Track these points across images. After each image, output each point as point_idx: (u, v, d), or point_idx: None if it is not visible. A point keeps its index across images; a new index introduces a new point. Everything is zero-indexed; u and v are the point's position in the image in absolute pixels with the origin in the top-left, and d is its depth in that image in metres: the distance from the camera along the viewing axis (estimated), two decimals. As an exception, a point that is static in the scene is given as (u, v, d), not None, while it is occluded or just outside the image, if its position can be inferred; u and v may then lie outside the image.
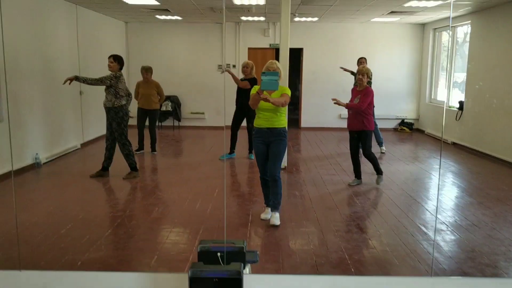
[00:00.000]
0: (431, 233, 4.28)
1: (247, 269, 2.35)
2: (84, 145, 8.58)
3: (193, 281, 2.04)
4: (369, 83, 7.59)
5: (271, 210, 4.49)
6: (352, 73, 8.13)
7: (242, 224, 4.43)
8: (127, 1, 7.91)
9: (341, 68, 8.28)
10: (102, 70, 7.36)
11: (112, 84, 5.88)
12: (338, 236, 4.17)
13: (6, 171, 5.78)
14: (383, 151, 7.91)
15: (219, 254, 2.27)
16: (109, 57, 6.01)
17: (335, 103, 5.71)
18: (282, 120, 4.42)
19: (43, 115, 7.13)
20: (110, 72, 5.93)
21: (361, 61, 7.99)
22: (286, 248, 3.88)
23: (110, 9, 8.97)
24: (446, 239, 4.13)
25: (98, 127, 9.13)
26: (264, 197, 4.64)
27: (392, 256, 3.75)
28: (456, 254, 3.80)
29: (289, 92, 4.41)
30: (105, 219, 4.54)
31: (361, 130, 5.76)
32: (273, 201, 4.48)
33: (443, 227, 4.45)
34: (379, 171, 5.94)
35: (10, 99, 6.20)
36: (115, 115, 5.90)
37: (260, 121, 4.40)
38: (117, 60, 6.00)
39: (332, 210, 4.94)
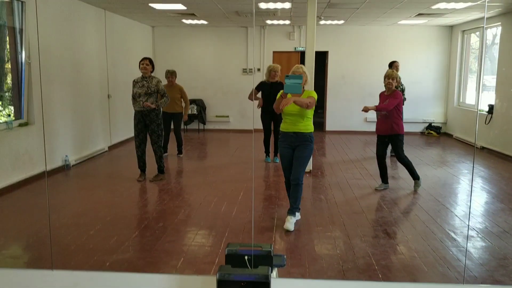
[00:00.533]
0: (460, 240, 4.18)
1: (274, 273, 2.34)
2: (111, 147, 8.74)
3: (220, 284, 2.03)
4: (401, 90, 7.46)
5: (288, 214, 4.43)
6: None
7: (268, 227, 4.43)
8: (154, 6, 8.03)
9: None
10: (130, 73, 7.48)
11: (151, 86, 6.03)
12: (365, 241, 4.11)
13: (36, 173, 5.95)
14: None
15: (246, 257, 2.27)
16: (145, 59, 6.10)
17: (364, 111, 5.61)
18: (308, 125, 4.39)
19: (73, 118, 7.30)
20: (143, 75, 6.00)
21: (394, 65, 7.84)
22: (312, 252, 3.85)
23: (137, 14, 9.12)
24: (476, 246, 4.03)
25: (125, 130, 9.31)
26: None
27: (421, 262, 3.68)
28: (487, 262, 3.70)
29: (315, 95, 4.37)
30: (132, 220, 4.61)
31: (391, 134, 5.67)
32: (291, 205, 4.45)
33: (474, 233, 4.35)
34: (415, 176, 5.80)
35: (39, 102, 6.37)
36: (156, 117, 6.08)
37: (286, 125, 4.39)
38: (151, 63, 6.12)
39: (359, 215, 4.88)
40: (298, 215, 4.52)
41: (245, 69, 11.30)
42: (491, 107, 8.87)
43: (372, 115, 5.95)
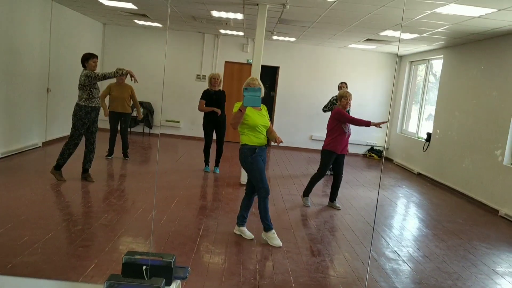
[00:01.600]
0: (383, 262, 4.23)
1: (173, 286, 2.24)
2: (46, 143, 8.34)
3: (108, 293, 1.91)
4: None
5: (269, 230, 4.44)
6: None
7: (192, 238, 4.31)
8: (104, 2, 7.80)
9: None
10: (74, 69, 7.18)
11: (95, 83, 5.81)
12: (288, 257, 4.08)
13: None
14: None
15: (144, 267, 2.16)
16: (95, 57, 5.88)
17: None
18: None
19: (4, 109, 6.89)
20: (90, 72, 5.77)
21: (342, 85, 8.04)
22: (232, 266, 3.76)
23: (87, 8, 8.83)
24: (395, 269, 4.08)
25: (64, 126, 8.92)
26: (268, 220, 4.45)
27: (339, 282, 3.67)
28: (403, 285, 3.75)
29: (266, 111, 4.50)
30: (49, 221, 4.34)
31: (345, 154, 5.96)
32: (269, 221, 4.48)
33: (395, 256, 4.42)
34: (335, 196, 6.11)
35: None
36: (96, 116, 5.92)
37: (260, 140, 4.31)
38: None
39: (287, 230, 4.86)
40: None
41: (199, 75, 11.19)
42: (429, 135, 9.22)
43: (318, 133, 6.01)
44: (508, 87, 6.73)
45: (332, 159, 5.88)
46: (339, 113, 5.73)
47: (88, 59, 5.81)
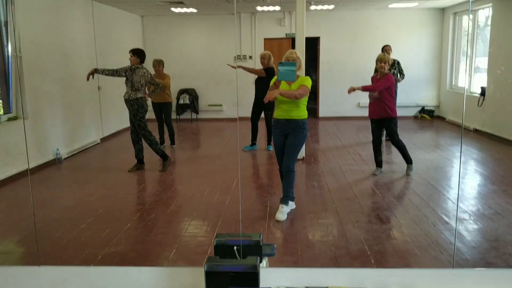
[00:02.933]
0: (453, 223, 4.19)
1: (264, 263, 2.33)
2: (104, 139, 8.67)
3: (209, 275, 2.02)
4: (400, 73, 7.55)
5: (280, 202, 4.37)
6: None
7: (261, 216, 4.41)
8: (141, -5, 7.92)
9: None
10: (120, 64, 7.36)
11: (127, 76, 5.98)
12: (358, 227, 4.11)
13: (27, 168, 5.89)
14: None
15: (235, 247, 2.26)
16: (130, 51, 6.11)
17: (351, 91, 5.64)
18: (301, 111, 4.33)
19: (63, 111, 7.23)
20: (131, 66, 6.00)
21: (386, 48, 7.82)
22: (305, 240, 3.85)
23: (125, 3, 8.99)
24: (468, 229, 4.04)
25: (117, 121, 9.23)
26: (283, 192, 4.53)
27: (413, 246, 3.68)
28: (480, 244, 3.71)
29: (309, 83, 4.28)
30: (124, 213, 4.58)
31: (384, 118, 5.67)
32: (283, 194, 4.41)
33: (466, 216, 4.36)
34: (408, 160, 5.80)
35: (30, 96, 6.30)
36: (131, 108, 6.07)
37: (279, 112, 4.33)
38: (136, 54, 6.11)
39: (351, 201, 4.88)
40: (292, 204, 4.48)
41: (237, 55, 11.21)
42: (483, 90, 8.86)
43: (365, 100, 5.93)
44: None
45: (372, 125, 5.80)
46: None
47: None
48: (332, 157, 7.02)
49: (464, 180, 5.74)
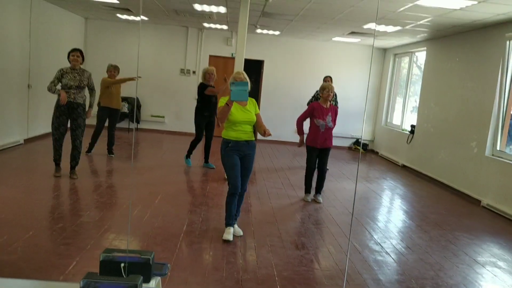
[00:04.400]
0: (366, 254, 4.26)
1: (153, 283, 2.22)
2: (28, 140, 8.21)
3: (84, 292, 1.89)
4: (336, 102, 7.86)
5: (234, 224, 4.42)
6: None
7: (175, 234, 4.28)
8: (84, -4, 7.68)
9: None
10: (56, 64, 7.02)
11: (74, 78, 5.75)
12: (271, 251, 4.08)
13: None
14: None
15: (122, 264, 2.14)
16: (75, 51, 5.87)
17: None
18: (253, 133, 4.41)
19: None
20: (71, 67, 5.79)
21: (327, 79, 8.05)
22: (215, 261, 3.76)
23: (68, 3, 8.69)
24: (378, 261, 4.11)
25: (46, 123, 8.78)
26: (229, 216, 4.32)
27: (322, 275, 3.68)
28: (386, 277, 3.78)
29: (257, 105, 4.45)
30: (30, 219, 4.28)
31: (326, 148, 5.93)
32: (237, 215, 4.46)
33: (379, 248, 4.45)
34: (320, 189, 6.11)
35: None
36: (83, 112, 5.87)
37: (238, 134, 4.23)
38: (82, 55, 5.92)
39: (271, 225, 4.86)
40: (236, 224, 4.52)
41: (183, 69, 11.11)
42: (412, 128, 9.29)
43: (304, 127, 6.05)
44: (489, 77, 6.80)
45: (312, 153, 5.91)
46: (308, 107, 6.02)
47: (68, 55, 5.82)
48: (262, 179, 7.02)
49: (386, 215, 5.91)
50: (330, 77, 8.16)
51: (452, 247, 4.67)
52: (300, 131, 6.06)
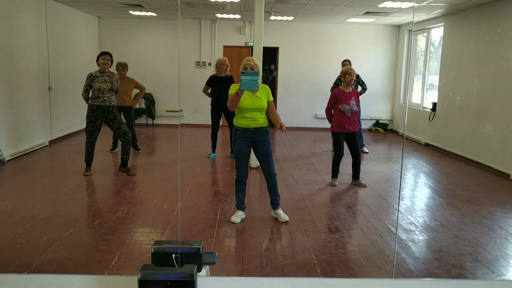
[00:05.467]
0: (400, 233, 4.25)
1: (203, 271, 2.25)
2: (52, 142, 8.33)
3: (142, 284, 1.93)
4: (362, 86, 7.87)
5: (276, 209, 4.49)
6: None
7: (210, 224, 4.33)
8: (98, -5, 7.72)
9: None
10: (74, 65, 7.14)
11: (107, 81, 5.94)
12: (306, 236, 4.10)
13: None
14: (366, 151, 8.08)
15: (173, 255, 2.17)
16: (105, 54, 5.96)
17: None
18: (266, 119, 4.37)
19: (9, 111, 6.88)
20: (101, 70, 5.92)
21: (345, 63, 7.98)
22: (253, 248, 3.79)
23: (81, 3, 8.74)
24: (414, 240, 4.11)
25: (68, 123, 8.92)
26: (238, 201, 4.47)
27: (360, 256, 3.70)
28: (423, 255, 3.78)
29: (270, 92, 4.38)
30: (67, 218, 4.37)
31: (355, 132, 5.90)
32: (274, 199, 4.49)
33: (412, 227, 4.44)
34: (359, 173, 6.03)
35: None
36: (117, 112, 6.04)
37: (245, 121, 4.24)
38: (112, 58, 6.04)
39: (302, 210, 4.88)
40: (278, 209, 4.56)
41: (198, 62, 11.12)
42: (434, 105, 9.18)
43: (322, 111, 6.01)
44: (510, 51, 6.66)
45: (339, 139, 5.88)
46: (331, 95, 5.97)
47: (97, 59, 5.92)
48: (286, 167, 7.02)
49: (414, 193, 5.88)
50: (349, 61, 8.09)
51: (487, 222, 4.63)
52: (331, 120, 6.02)
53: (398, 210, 4.98)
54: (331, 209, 5.00)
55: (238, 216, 4.41)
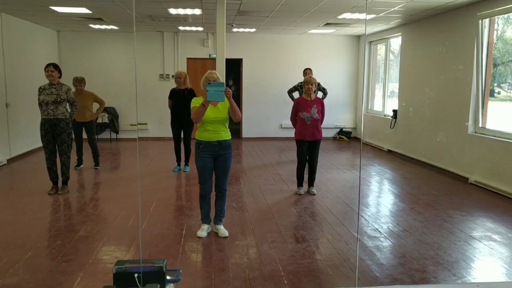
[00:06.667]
0: (365, 240, 4.32)
1: (168, 289, 2.22)
2: (11, 160, 8.06)
3: (103, 306, 1.89)
4: (323, 92, 8.00)
5: (217, 224, 4.47)
6: None
7: (176, 240, 4.28)
8: (57, 9, 7.57)
9: None
10: (33, 80, 6.91)
11: (52, 94, 5.73)
12: (273, 247, 4.11)
13: None
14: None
15: (136, 275, 2.13)
16: (49, 66, 5.79)
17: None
18: (228, 132, 4.35)
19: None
20: (50, 82, 5.77)
21: (307, 71, 8.10)
22: (220, 262, 3.77)
23: (39, 17, 8.54)
24: (379, 246, 4.18)
25: (28, 141, 8.66)
26: (203, 215, 4.45)
27: (326, 265, 3.73)
28: (388, 261, 3.85)
29: None
30: (27, 239, 4.22)
31: (316, 140, 5.97)
32: (218, 215, 4.47)
33: (377, 234, 4.52)
34: (313, 181, 6.16)
35: None
36: (66, 127, 5.83)
37: (207, 134, 4.21)
38: (57, 69, 5.82)
39: (269, 221, 4.89)
40: (220, 225, 4.52)
41: (162, 74, 11.04)
42: (395, 112, 9.42)
43: (287, 121, 6.09)
44: (465, 57, 6.94)
45: (301, 147, 5.96)
46: (293, 103, 6.08)
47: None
48: (253, 177, 7.04)
49: (378, 200, 6.00)
50: (310, 69, 8.23)
51: (447, 226, 4.78)
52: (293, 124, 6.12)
53: (358, 220, 5.06)
54: (298, 218, 5.04)
55: (204, 230, 4.39)
